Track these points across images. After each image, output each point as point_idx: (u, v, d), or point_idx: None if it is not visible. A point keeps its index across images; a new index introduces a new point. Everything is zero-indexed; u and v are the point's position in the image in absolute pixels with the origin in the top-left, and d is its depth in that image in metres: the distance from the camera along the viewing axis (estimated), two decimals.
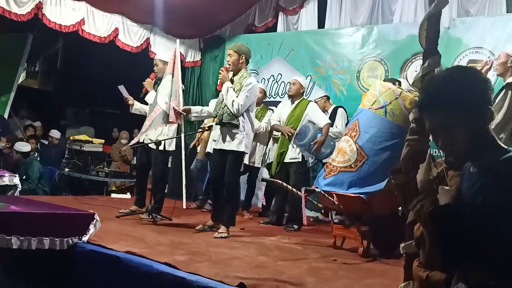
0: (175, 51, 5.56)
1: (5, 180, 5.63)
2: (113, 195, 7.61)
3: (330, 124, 5.78)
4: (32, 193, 6.75)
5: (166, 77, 5.45)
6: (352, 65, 7.33)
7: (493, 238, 1.35)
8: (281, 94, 7.81)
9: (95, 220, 3.85)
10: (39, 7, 6.38)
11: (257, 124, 6.23)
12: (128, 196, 7.38)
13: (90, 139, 8.81)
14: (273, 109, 6.64)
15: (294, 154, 5.76)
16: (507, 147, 1.46)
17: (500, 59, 4.55)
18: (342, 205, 4.40)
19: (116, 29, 7.39)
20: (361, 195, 4.27)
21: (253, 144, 6.40)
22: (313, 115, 5.73)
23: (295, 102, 5.90)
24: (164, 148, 5.46)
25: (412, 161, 1.96)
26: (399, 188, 2.08)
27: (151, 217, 5.26)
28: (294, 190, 4.87)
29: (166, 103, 5.26)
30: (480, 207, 1.40)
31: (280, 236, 5.09)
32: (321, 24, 7.96)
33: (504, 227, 1.33)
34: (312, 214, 6.70)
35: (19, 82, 8.66)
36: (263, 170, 6.89)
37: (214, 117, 5.11)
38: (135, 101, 5.85)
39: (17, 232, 3.35)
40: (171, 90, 5.30)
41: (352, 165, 4.39)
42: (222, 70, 4.96)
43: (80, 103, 11.80)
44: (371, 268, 3.96)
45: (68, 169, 8.14)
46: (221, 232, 4.74)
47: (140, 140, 5.59)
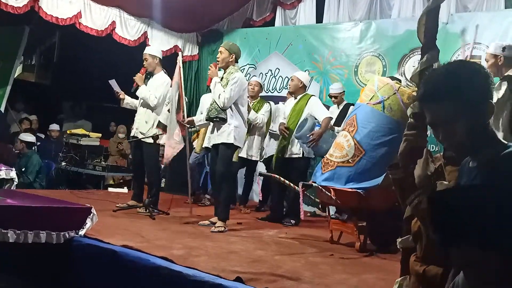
0: (178, 63, 5.66)
1: (2, 174, 5.62)
2: (110, 189, 7.60)
3: (331, 119, 5.76)
4: (29, 187, 6.74)
5: (174, 89, 5.58)
6: (350, 60, 7.32)
7: (491, 233, 1.35)
8: (279, 89, 7.79)
9: (92, 214, 3.85)
10: (36, 0, 6.34)
11: (254, 116, 6.24)
12: (125, 190, 7.38)
13: (87, 133, 8.79)
14: (271, 103, 6.63)
15: (295, 150, 5.75)
16: (507, 143, 1.46)
17: (488, 62, 4.31)
18: (339, 200, 4.40)
19: (113, 23, 7.36)
20: (359, 190, 4.27)
21: (251, 137, 6.41)
22: (314, 109, 5.71)
23: (298, 97, 5.89)
24: (155, 141, 5.55)
25: (410, 156, 1.96)
26: (397, 183, 2.08)
27: (148, 211, 5.27)
28: (292, 185, 4.87)
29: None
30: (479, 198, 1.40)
31: (278, 231, 5.09)
32: (319, 19, 7.95)
33: (502, 223, 1.33)
34: (310, 209, 6.70)
35: (16, 76, 8.60)
36: (261, 164, 6.88)
37: None
38: (126, 96, 5.85)
39: (14, 226, 3.35)
40: (177, 103, 5.46)
41: (350, 160, 4.39)
42: (211, 66, 5.10)
43: (77, 97, 11.73)
44: (368, 263, 3.98)
45: (65, 163, 8.13)
46: (218, 226, 4.75)
47: (135, 135, 5.61)
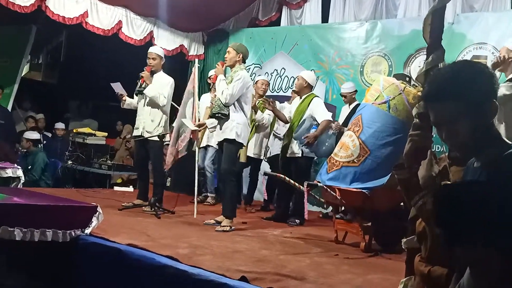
0: (194, 71, 5.72)
1: (8, 172, 5.64)
2: (116, 188, 7.63)
3: (329, 121, 5.71)
4: (35, 185, 6.77)
5: (190, 98, 5.67)
6: (356, 60, 7.31)
7: (494, 232, 1.36)
8: (285, 89, 7.79)
9: (98, 213, 3.86)
10: None
11: (260, 116, 6.25)
12: (131, 189, 7.40)
13: (93, 132, 8.82)
14: (276, 102, 6.63)
15: (294, 149, 5.76)
16: (511, 142, 1.46)
17: (501, 54, 4.47)
18: (345, 200, 4.41)
19: (120, 22, 7.39)
20: (364, 190, 4.27)
21: (256, 136, 6.42)
22: (315, 110, 5.71)
23: (302, 97, 5.89)
24: (161, 140, 5.58)
25: (415, 157, 1.96)
26: (402, 183, 2.08)
27: (154, 210, 5.28)
28: (297, 185, 4.87)
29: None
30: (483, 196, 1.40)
31: (282, 230, 5.09)
32: (325, 19, 7.95)
33: (503, 222, 1.33)
34: (322, 210, 6.72)
35: (23, 75, 8.65)
36: (265, 164, 6.89)
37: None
38: (127, 97, 5.83)
39: (20, 224, 3.36)
40: (192, 110, 5.55)
41: (355, 160, 4.38)
42: (218, 65, 5.16)
43: (84, 96, 11.77)
44: (373, 263, 3.97)
45: (71, 162, 8.16)
46: (224, 225, 4.76)
47: (142, 134, 5.61)
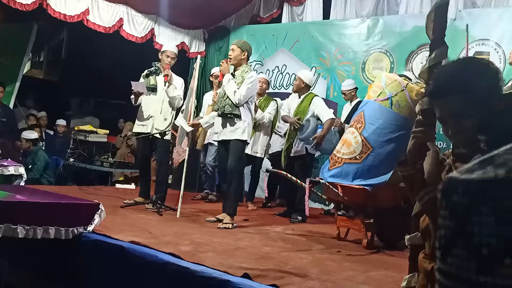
0: (196, 69, 5.59)
1: (11, 170, 5.63)
2: (118, 186, 7.64)
3: (333, 120, 5.76)
4: (37, 183, 6.78)
5: (189, 93, 5.54)
6: (357, 57, 7.30)
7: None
8: (286, 86, 7.79)
9: (100, 210, 3.86)
10: None
11: (261, 115, 6.24)
12: (133, 187, 7.42)
13: (95, 130, 8.81)
14: (277, 100, 6.64)
15: (298, 148, 5.78)
16: None
17: None
18: (347, 197, 4.40)
19: (121, 20, 7.38)
20: (366, 187, 4.27)
21: (257, 134, 6.42)
22: (318, 110, 5.73)
23: (302, 97, 5.91)
24: (165, 137, 5.56)
25: (419, 153, 1.95)
26: (407, 180, 2.07)
27: (156, 207, 5.28)
28: (299, 182, 4.88)
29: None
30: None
31: (284, 227, 5.09)
32: (326, 15, 7.94)
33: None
34: (324, 207, 6.72)
35: (24, 72, 8.66)
36: (266, 161, 6.89)
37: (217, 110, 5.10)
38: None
39: (23, 222, 3.36)
40: (187, 107, 5.42)
41: (357, 157, 4.38)
42: (223, 62, 5.10)
43: (85, 94, 11.79)
44: (375, 260, 3.97)
45: (73, 159, 8.17)
46: (226, 223, 4.76)
47: (147, 131, 5.61)
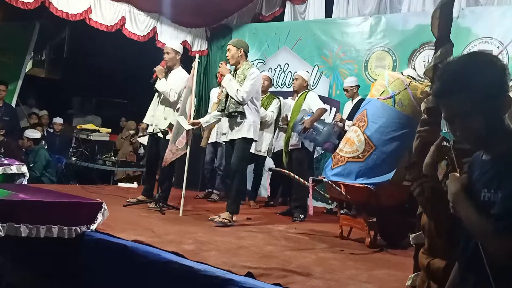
0: (194, 67, 5.48)
1: (13, 169, 5.63)
2: (120, 184, 7.64)
3: (324, 110, 5.86)
4: (38, 182, 6.76)
5: (189, 95, 5.42)
6: (360, 55, 7.28)
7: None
8: (288, 84, 7.77)
9: (103, 209, 3.87)
10: None
11: (263, 113, 6.24)
12: (135, 186, 7.42)
13: (97, 128, 8.83)
14: (280, 98, 6.64)
15: (294, 141, 5.88)
16: None
17: None
18: (350, 196, 4.39)
19: (123, 18, 7.38)
20: (369, 186, 4.26)
21: (260, 133, 6.41)
22: (310, 102, 5.85)
23: (299, 95, 6.05)
24: (164, 136, 5.51)
25: (424, 153, 1.95)
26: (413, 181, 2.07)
27: (159, 206, 5.28)
28: (301, 180, 4.87)
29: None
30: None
31: (287, 226, 5.09)
32: (329, 14, 7.93)
33: None
34: (326, 206, 6.72)
35: (26, 71, 8.66)
36: (269, 160, 6.89)
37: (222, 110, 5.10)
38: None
39: (26, 220, 3.36)
40: (184, 105, 5.35)
41: (360, 156, 4.37)
42: (222, 64, 5.10)
43: (87, 92, 11.80)
44: (379, 259, 3.97)
45: (75, 158, 8.17)
46: (223, 218, 4.73)
47: (150, 131, 5.61)
